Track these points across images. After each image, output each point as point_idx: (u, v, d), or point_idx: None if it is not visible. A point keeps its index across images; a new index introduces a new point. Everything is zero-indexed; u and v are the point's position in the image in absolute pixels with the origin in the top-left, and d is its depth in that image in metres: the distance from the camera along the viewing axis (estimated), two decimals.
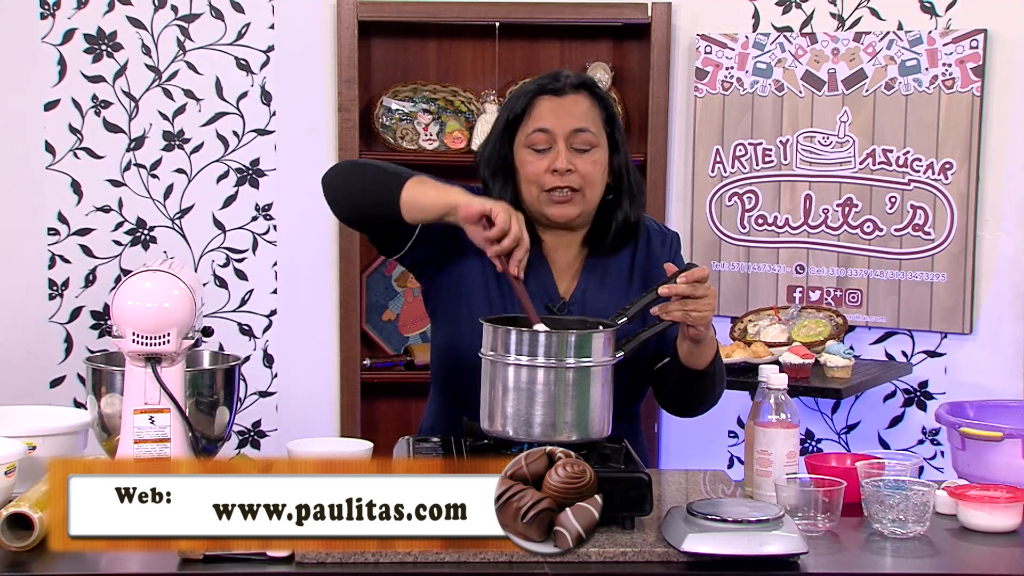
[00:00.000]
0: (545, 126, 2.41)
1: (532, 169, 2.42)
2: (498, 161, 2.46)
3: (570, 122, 2.41)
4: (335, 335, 3.98)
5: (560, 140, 2.40)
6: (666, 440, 4.01)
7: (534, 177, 2.41)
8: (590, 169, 2.41)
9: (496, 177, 2.46)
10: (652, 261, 2.51)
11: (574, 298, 2.47)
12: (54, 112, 3.91)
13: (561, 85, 2.44)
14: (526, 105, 2.44)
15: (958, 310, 3.70)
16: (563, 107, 2.43)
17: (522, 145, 2.44)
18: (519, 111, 2.45)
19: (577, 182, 2.40)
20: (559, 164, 2.39)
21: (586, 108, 2.44)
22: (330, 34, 3.92)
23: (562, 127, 2.41)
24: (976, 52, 3.63)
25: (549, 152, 2.41)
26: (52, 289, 3.95)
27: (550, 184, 2.40)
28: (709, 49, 3.92)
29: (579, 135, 2.41)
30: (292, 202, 3.97)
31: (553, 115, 2.42)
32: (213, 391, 2.39)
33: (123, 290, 2.18)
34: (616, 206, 2.49)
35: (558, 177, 2.40)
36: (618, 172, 2.48)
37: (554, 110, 2.42)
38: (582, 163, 2.41)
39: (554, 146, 2.40)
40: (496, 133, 2.49)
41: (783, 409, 2.30)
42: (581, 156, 2.41)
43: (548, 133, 2.41)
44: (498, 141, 2.47)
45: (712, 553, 1.97)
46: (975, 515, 2.22)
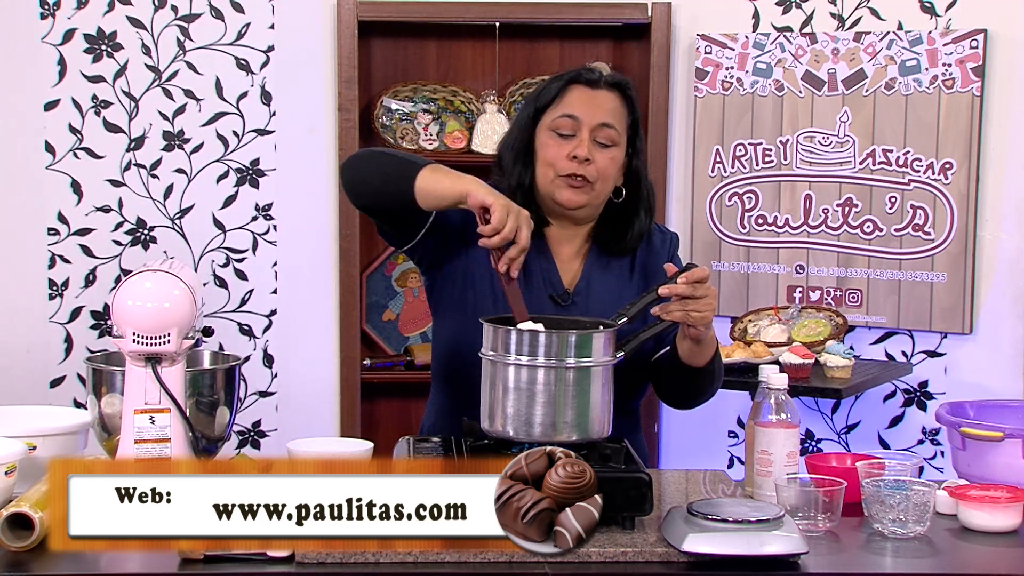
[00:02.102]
0: (574, 112, 2.45)
1: (552, 152, 2.45)
2: (520, 144, 2.49)
3: (599, 115, 2.45)
4: (335, 335, 3.98)
5: (585, 129, 2.44)
6: (666, 440, 4.01)
7: (552, 160, 2.45)
8: (607, 164, 2.45)
9: (516, 160, 2.49)
10: (652, 258, 2.55)
11: (578, 289, 2.49)
12: (54, 112, 3.91)
13: (596, 78, 2.49)
14: (559, 90, 2.48)
15: (958, 310, 3.70)
16: (595, 99, 2.47)
17: (546, 127, 2.47)
18: (551, 95, 2.48)
19: (592, 174, 2.43)
20: (580, 152, 2.42)
21: (616, 106, 2.48)
22: (330, 34, 3.92)
23: (590, 118, 2.44)
24: (976, 52, 3.63)
25: (572, 139, 2.44)
26: (52, 289, 3.95)
27: (567, 170, 2.43)
28: (709, 49, 3.92)
29: (604, 129, 2.45)
30: (292, 202, 3.97)
31: (584, 104, 2.46)
32: (213, 391, 2.39)
33: (123, 290, 2.18)
34: (633, 214, 2.52)
35: (576, 164, 2.43)
36: (634, 175, 2.51)
37: (586, 100, 2.46)
38: (601, 157, 2.44)
39: (578, 134, 2.44)
40: (523, 117, 2.52)
41: (783, 409, 2.31)
42: (601, 150, 2.44)
43: (575, 120, 2.44)
44: (524, 124, 2.51)
45: (712, 553, 1.97)
46: (975, 515, 2.22)
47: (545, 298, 2.46)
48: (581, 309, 2.45)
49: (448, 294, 2.50)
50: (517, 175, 2.48)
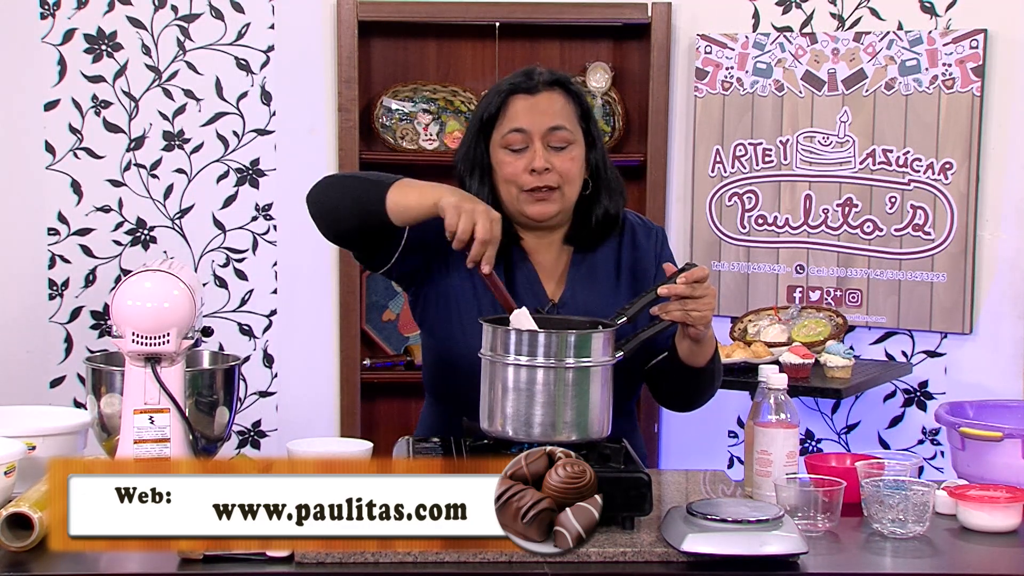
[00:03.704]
0: (521, 126, 2.40)
1: (510, 170, 2.40)
2: (474, 161, 2.45)
3: (545, 120, 2.40)
4: (335, 335, 3.98)
5: (536, 139, 2.39)
6: (666, 440, 4.01)
7: (512, 177, 2.40)
8: (568, 166, 2.40)
9: (472, 177, 2.44)
10: (639, 254, 2.51)
11: (563, 299, 2.47)
12: (54, 112, 3.91)
13: (534, 83, 2.43)
14: (500, 105, 2.43)
15: (958, 310, 3.70)
16: (537, 106, 2.41)
17: (498, 145, 2.42)
18: (493, 111, 2.43)
19: (555, 180, 2.39)
20: (537, 163, 2.38)
21: (561, 105, 2.43)
22: (330, 34, 3.92)
23: (538, 126, 2.40)
24: (976, 52, 3.63)
25: (526, 152, 2.39)
26: (52, 289, 3.95)
27: (529, 184, 2.39)
28: (709, 49, 3.92)
29: (555, 133, 2.40)
30: (292, 202, 3.96)
31: (528, 114, 2.41)
32: (213, 391, 2.39)
33: (123, 290, 2.18)
34: (595, 201, 2.47)
35: (536, 177, 2.38)
36: (595, 167, 2.47)
37: (529, 109, 2.41)
38: (560, 161, 2.40)
39: (531, 145, 2.39)
40: (471, 133, 2.47)
41: (783, 409, 2.30)
42: (558, 154, 2.40)
43: (524, 133, 2.40)
44: (473, 141, 2.46)
45: (712, 553, 1.97)
46: (975, 515, 2.22)
47: (532, 311, 2.43)
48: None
49: (432, 311, 2.47)
50: (475, 191, 2.41)
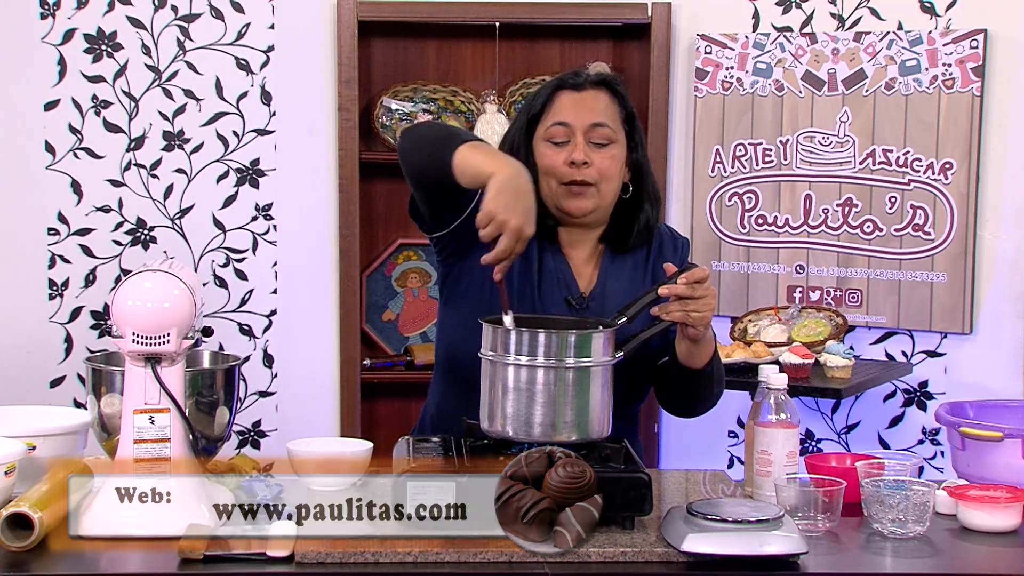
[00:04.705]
0: (564, 119, 2.44)
1: (549, 161, 2.43)
2: (516, 156, 2.45)
3: (589, 116, 2.44)
4: (335, 335, 3.98)
5: (578, 133, 2.43)
6: (666, 440, 4.01)
7: (551, 169, 2.43)
8: (607, 164, 2.43)
9: None
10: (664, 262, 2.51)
11: (594, 294, 2.48)
12: (54, 112, 3.91)
13: (581, 80, 2.48)
14: (546, 99, 2.47)
15: (958, 310, 3.70)
16: (582, 101, 2.46)
17: (541, 139, 2.46)
18: (539, 105, 2.48)
19: (593, 176, 2.42)
20: (576, 156, 2.41)
21: (605, 104, 2.47)
22: (330, 34, 3.92)
23: (581, 120, 2.43)
24: (976, 52, 3.62)
25: (567, 145, 2.43)
26: (52, 289, 3.95)
27: (567, 177, 2.42)
28: (709, 49, 3.92)
29: (597, 129, 2.43)
30: (292, 202, 3.97)
31: (572, 109, 2.45)
32: (213, 391, 2.39)
33: (123, 290, 2.18)
34: (638, 208, 2.50)
35: (575, 170, 2.41)
36: (637, 169, 2.50)
37: (573, 104, 2.45)
38: (599, 157, 2.43)
39: (572, 139, 2.43)
40: (516, 129, 2.51)
41: (783, 409, 2.31)
42: (599, 151, 2.43)
43: (567, 126, 2.43)
44: (517, 136, 2.49)
45: (712, 553, 1.97)
46: (975, 515, 2.22)
47: (561, 301, 2.45)
48: (596, 313, 2.43)
49: (467, 282, 2.47)
50: None
